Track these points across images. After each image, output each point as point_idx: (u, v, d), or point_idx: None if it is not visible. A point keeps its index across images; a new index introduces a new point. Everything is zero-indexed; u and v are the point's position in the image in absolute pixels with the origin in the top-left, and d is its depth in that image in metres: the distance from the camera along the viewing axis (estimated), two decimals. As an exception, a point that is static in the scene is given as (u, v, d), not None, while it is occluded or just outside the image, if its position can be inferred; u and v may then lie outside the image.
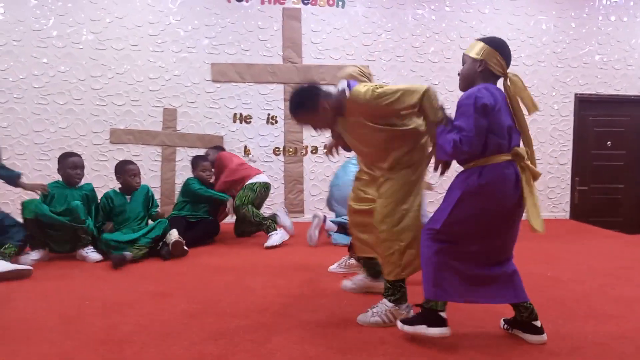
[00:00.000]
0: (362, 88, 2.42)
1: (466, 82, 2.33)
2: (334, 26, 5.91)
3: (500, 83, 2.32)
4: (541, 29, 6.29)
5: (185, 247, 4.00)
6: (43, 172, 5.47)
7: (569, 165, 6.43)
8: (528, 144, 2.29)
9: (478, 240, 2.23)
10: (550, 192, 6.44)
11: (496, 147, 2.19)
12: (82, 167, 4.16)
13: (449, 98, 6.06)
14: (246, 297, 2.91)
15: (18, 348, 2.14)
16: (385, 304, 2.49)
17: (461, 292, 2.23)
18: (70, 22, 5.46)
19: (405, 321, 2.28)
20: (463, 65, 2.36)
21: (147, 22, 5.58)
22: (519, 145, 2.28)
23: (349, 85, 2.47)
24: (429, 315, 2.22)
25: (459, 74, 2.37)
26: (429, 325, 2.20)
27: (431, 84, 5.95)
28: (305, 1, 5.84)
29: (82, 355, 2.09)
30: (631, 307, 2.84)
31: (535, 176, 2.23)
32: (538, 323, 2.30)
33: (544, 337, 2.29)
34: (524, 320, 2.31)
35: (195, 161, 4.74)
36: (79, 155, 4.22)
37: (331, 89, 2.57)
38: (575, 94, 6.41)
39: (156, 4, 5.58)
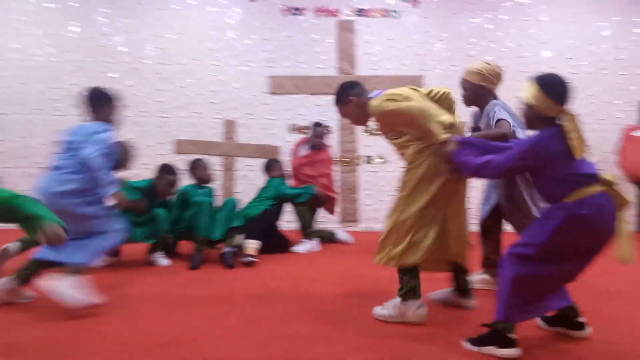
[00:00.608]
0: (376, 101, 2.55)
1: (528, 123, 2.35)
2: (388, 37, 5.97)
3: None
4: (602, 36, 6.13)
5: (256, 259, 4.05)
6: (111, 180, 5.79)
7: (633, 176, 6.21)
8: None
9: (565, 268, 2.25)
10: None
11: (583, 180, 2.19)
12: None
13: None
14: (308, 303, 3.00)
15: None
16: (395, 299, 2.58)
17: (531, 310, 2.26)
18: (137, 39, 5.77)
19: (473, 341, 2.30)
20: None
21: (207, 38, 5.82)
22: (597, 171, 2.26)
23: (375, 95, 2.63)
24: (499, 337, 2.24)
25: (521, 110, 2.37)
26: (499, 346, 2.22)
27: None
28: (359, 13, 5.93)
29: (157, 353, 2.23)
30: None
31: (624, 203, 2.22)
32: (582, 319, 2.42)
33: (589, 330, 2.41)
34: (568, 317, 2.43)
35: (271, 164, 4.89)
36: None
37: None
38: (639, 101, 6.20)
39: (216, 20, 5.82)
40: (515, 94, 5.65)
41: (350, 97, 2.70)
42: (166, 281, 3.53)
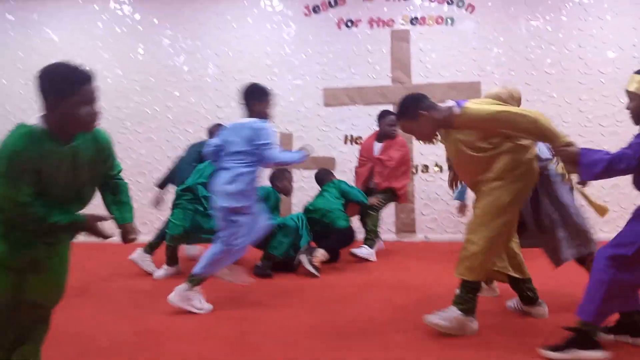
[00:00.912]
0: (476, 105, 2.51)
1: (638, 118, 2.30)
2: (443, 44, 5.91)
3: None
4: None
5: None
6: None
7: None
8: None
9: None
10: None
11: None
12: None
13: (568, 111, 5.77)
14: (363, 312, 3.02)
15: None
16: (453, 311, 2.55)
17: (619, 306, 2.27)
18: (198, 58, 6.04)
19: (555, 348, 2.26)
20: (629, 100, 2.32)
21: (264, 54, 6.00)
22: None
23: (458, 104, 2.56)
24: (584, 339, 2.19)
25: (627, 108, 2.33)
26: (583, 348, 2.17)
27: (548, 97, 5.74)
28: (414, 22, 5.92)
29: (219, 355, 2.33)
30: None
31: None
32: None
33: None
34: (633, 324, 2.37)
35: (324, 173, 4.99)
36: None
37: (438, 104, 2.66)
38: None
39: (272, 36, 5.99)
40: (579, 97, 5.50)
41: (422, 110, 2.58)
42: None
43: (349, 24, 5.95)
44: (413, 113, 2.61)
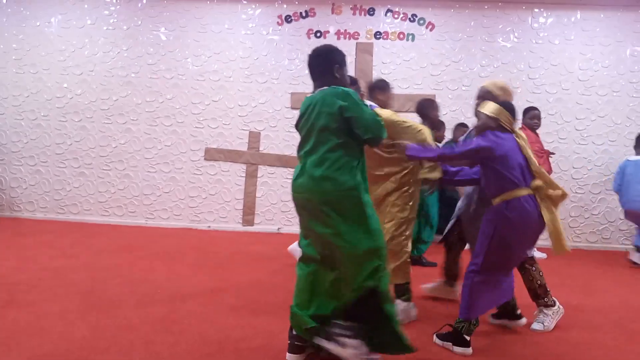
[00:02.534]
0: (379, 110, 3.11)
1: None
2: (403, 58, 6.41)
3: None
4: (617, 59, 6.29)
5: None
6: (150, 182, 6.55)
7: (643, 196, 6.29)
8: (544, 180, 2.76)
9: (509, 260, 2.77)
10: (622, 223, 6.33)
11: (512, 183, 2.71)
12: None
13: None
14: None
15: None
16: (399, 303, 3.16)
17: (488, 303, 2.82)
18: (178, 57, 6.51)
19: (440, 336, 2.86)
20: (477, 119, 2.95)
21: (239, 57, 6.48)
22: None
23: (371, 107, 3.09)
24: (456, 335, 2.76)
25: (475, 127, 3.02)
26: (455, 344, 2.74)
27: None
28: (378, 36, 6.41)
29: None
30: (632, 338, 3.03)
31: (556, 201, 2.75)
32: (518, 311, 3.13)
33: (524, 320, 3.13)
34: (509, 311, 3.13)
35: None
36: None
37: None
38: (653, 124, 6.29)
39: (247, 41, 6.47)
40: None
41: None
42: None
43: (318, 34, 6.44)
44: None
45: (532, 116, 5.29)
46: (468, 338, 2.72)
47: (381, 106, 3.36)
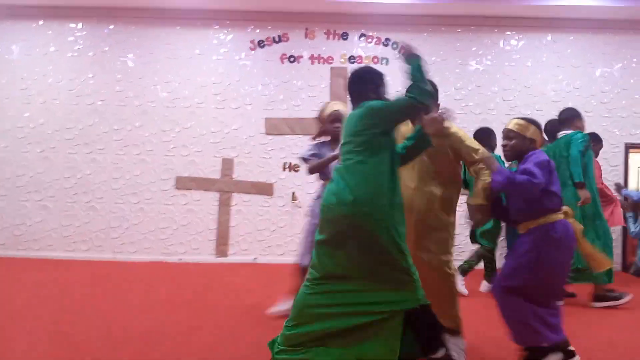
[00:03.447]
0: None
1: (516, 155, 2.82)
2: (379, 82, 6.33)
3: None
4: (588, 80, 6.37)
5: None
6: (117, 214, 6.22)
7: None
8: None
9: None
10: (601, 242, 6.30)
11: (556, 204, 2.65)
12: None
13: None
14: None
15: None
16: None
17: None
18: (146, 84, 6.29)
19: None
20: (510, 139, 2.82)
21: (211, 83, 6.31)
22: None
23: None
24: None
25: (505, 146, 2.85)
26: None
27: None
28: (352, 60, 6.35)
29: None
30: None
31: (578, 231, 2.71)
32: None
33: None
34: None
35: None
36: None
37: None
38: (626, 144, 6.35)
39: (219, 67, 6.32)
40: (500, 135, 5.89)
41: None
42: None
43: (292, 59, 6.34)
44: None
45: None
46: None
47: None
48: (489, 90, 6.35)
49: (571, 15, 6.20)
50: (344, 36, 6.36)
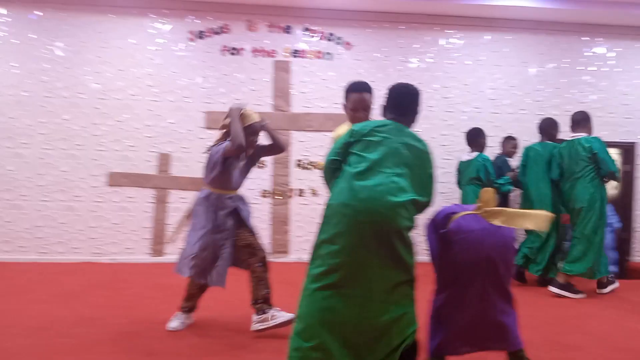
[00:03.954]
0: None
1: None
2: (322, 77, 6.27)
3: None
4: (523, 79, 6.56)
5: None
6: (43, 212, 5.81)
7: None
8: None
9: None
10: (536, 236, 6.52)
11: None
12: None
13: (432, 144, 6.30)
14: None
15: None
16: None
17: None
18: (77, 74, 5.92)
19: None
20: None
21: (146, 74, 6.02)
22: None
23: None
24: None
25: None
26: None
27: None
28: (295, 54, 6.24)
29: None
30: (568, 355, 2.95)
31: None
32: None
33: None
34: None
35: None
36: None
37: None
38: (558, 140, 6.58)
39: (155, 58, 6.03)
40: (440, 132, 6.06)
41: None
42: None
43: (233, 51, 6.15)
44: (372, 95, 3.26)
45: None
46: None
47: None
48: (430, 87, 6.41)
49: (509, 16, 6.37)
50: (287, 29, 6.24)
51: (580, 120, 4.87)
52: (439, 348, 2.40)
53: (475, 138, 5.44)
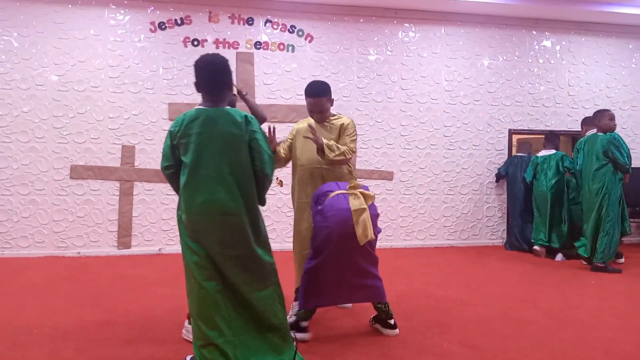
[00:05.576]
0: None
1: None
2: (285, 69, 6.39)
3: None
4: (476, 71, 6.88)
5: None
6: (5, 206, 5.73)
7: (504, 196, 6.93)
8: None
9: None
10: (488, 220, 6.91)
11: None
12: None
13: (392, 134, 6.57)
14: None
15: None
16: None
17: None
18: (35, 66, 5.82)
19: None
20: None
21: (107, 66, 5.98)
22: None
23: None
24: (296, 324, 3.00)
25: None
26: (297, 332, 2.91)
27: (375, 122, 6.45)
28: (258, 46, 6.33)
29: None
30: (523, 327, 3.25)
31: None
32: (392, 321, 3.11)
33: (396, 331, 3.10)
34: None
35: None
36: None
37: None
38: (509, 130, 6.97)
39: (117, 49, 6.00)
40: (400, 122, 6.34)
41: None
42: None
43: (195, 42, 6.18)
44: (330, 95, 3.38)
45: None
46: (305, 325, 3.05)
47: None
48: (389, 79, 6.64)
49: (462, 10, 6.64)
50: (249, 21, 6.31)
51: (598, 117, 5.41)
52: (310, 301, 2.94)
53: (552, 139, 6.24)
